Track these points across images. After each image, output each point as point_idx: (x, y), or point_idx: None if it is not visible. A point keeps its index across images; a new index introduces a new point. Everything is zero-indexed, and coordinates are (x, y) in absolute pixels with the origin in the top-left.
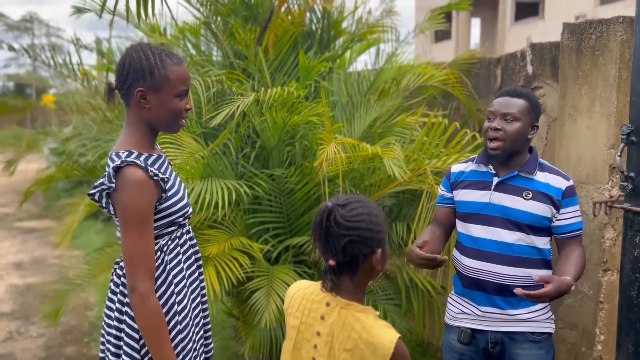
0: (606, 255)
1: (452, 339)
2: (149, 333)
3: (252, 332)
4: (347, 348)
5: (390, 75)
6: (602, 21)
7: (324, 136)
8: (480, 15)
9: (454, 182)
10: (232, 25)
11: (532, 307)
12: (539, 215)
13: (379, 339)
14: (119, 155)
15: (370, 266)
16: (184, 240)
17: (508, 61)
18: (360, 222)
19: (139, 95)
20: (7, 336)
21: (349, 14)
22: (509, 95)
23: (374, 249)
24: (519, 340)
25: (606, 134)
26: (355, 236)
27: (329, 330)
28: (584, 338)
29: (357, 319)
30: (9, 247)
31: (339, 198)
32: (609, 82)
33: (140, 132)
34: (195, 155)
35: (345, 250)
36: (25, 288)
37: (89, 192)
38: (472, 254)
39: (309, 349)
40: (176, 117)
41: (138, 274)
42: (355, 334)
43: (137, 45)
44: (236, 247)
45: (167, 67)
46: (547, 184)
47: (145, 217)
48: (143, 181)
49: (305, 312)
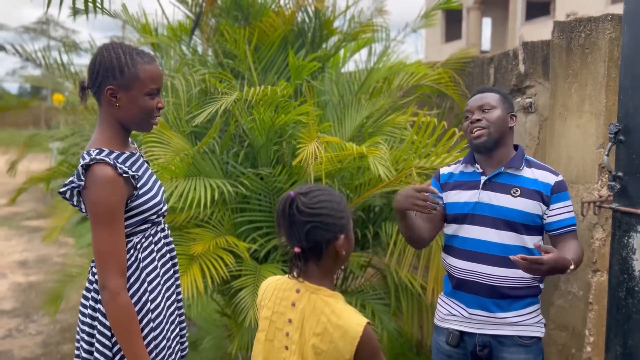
0: (595, 255)
1: (440, 340)
2: (120, 330)
3: (239, 331)
4: (316, 332)
5: (382, 75)
6: (591, 19)
7: (304, 135)
8: (491, 15)
9: (443, 183)
10: (221, 24)
11: (521, 311)
12: (529, 212)
13: (348, 322)
14: (90, 153)
15: (334, 252)
16: (158, 238)
17: (501, 60)
18: (321, 209)
19: (109, 93)
20: (6, 334)
21: (341, 14)
22: (481, 92)
23: (336, 235)
24: (507, 343)
25: (595, 133)
26: (317, 222)
27: (299, 316)
28: (574, 339)
29: (327, 303)
30: (16, 246)
31: (302, 187)
32: (598, 81)
33: (111, 130)
34: (180, 154)
35: (308, 236)
36: (28, 286)
37: (59, 191)
38: (461, 255)
39: (281, 338)
40: (147, 115)
41: (108, 272)
42: (324, 317)
43: (109, 44)
44: (222, 246)
45: (137, 66)
46: (535, 179)
47: (114, 214)
48: (112, 178)
49: (277, 301)
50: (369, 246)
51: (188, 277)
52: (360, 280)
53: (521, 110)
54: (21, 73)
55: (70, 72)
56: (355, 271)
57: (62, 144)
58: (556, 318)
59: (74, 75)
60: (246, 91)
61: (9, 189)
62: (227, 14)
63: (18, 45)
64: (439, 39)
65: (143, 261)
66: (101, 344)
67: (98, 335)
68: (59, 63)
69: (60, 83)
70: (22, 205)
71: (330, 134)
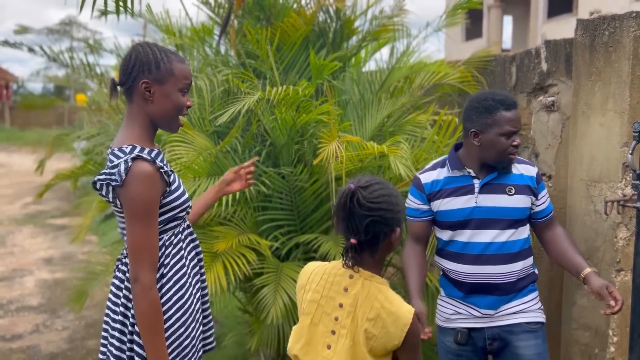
0: (619, 255)
1: (447, 340)
2: (145, 324)
3: (259, 328)
4: (369, 317)
5: (403, 74)
6: (615, 17)
7: (325, 134)
8: (512, 12)
9: (430, 193)
10: (244, 24)
11: (525, 298)
12: (524, 207)
13: (400, 309)
14: (123, 150)
15: (389, 243)
16: (185, 235)
17: (523, 58)
18: (381, 203)
19: (144, 87)
20: (34, 329)
21: (362, 13)
22: (515, 107)
23: (393, 228)
24: (517, 331)
25: (619, 131)
26: (377, 216)
27: (352, 301)
28: (597, 339)
29: (380, 290)
30: (41, 243)
31: (360, 180)
32: (622, 79)
33: (141, 128)
34: (203, 154)
35: (367, 229)
36: (54, 283)
37: (92, 181)
38: (465, 260)
39: (327, 322)
40: (177, 111)
41: (142, 266)
42: (377, 303)
43: (143, 42)
44: (244, 244)
45: (172, 62)
46: (521, 174)
47: (151, 210)
48: (151, 174)
49: (327, 285)
50: None
51: (211, 274)
52: None
53: (543, 109)
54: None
55: (96, 72)
56: None
57: (87, 143)
58: (579, 318)
59: (99, 76)
60: (268, 91)
61: (34, 188)
62: (249, 14)
63: (46, 46)
64: (459, 37)
65: (173, 258)
66: (137, 345)
67: (133, 336)
68: (85, 63)
69: (84, 83)
70: (47, 204)
71: (350, 133)
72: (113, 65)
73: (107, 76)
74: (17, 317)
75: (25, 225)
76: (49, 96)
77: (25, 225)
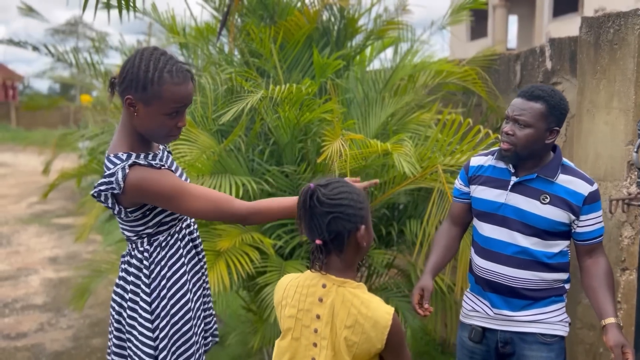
0: (624, 254)
1: (464, 336)
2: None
3: (263, 327)
4: (347, 325)
5: (407, 73)
6: (620, 14)
7: (329, 132)
8: (518, 12)
9: (472, 176)
10: (247, 23)
11: (544, 309)
12: (555, 220)
13: (377, 312)
14: (120, 157)
15: (355, 243)
16: (182, 234)
17: (527, 57)
18: (342, 200)
19: (128, 102)
20: (38, 327)
21: (365, 12)
22: (526, 98)
23: (357, 226)
24: (529, 341)
25: (624, 129)
26: (338, 213)
27: (328, 310)
28: (602, 338)
29: (355, 295)
30: (46, 243)
31: (320, 180)
32: (627, 77)
33: (135, 134)
34: (207, 152)
35: (329, 227)
36: (59, 281)
37: (92, 193)
38: (482, 254)
39: (308, 335)
40: (163, 132)
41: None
42: (354, 309)
43: (149, 51)
44: (248, 242)
45: (162, 85)
46: (567, 188)
47: (177, 186)
48: (150, 170)
49: (301, 299)
50: (393, 244)
51: (214, 273)
52: (384, 278)
53: None
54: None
55: (100, 71)
56: (380, 269)
57: (91, 143)
58: (583, 317)
59: (104, 75)
60: (271, 89)
61: (40, 187)
62: (252, 13)
63: (51, 45)
64: (464, 36)
65: (170, 259)
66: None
67: (139, 336)
68: (89, 63)
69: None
70: (52, 204)
71: (354, 132)
72: (118, 64)
73: (111, 75)
74: (22, 316)
75: (31, 224)
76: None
77: (30, 224)
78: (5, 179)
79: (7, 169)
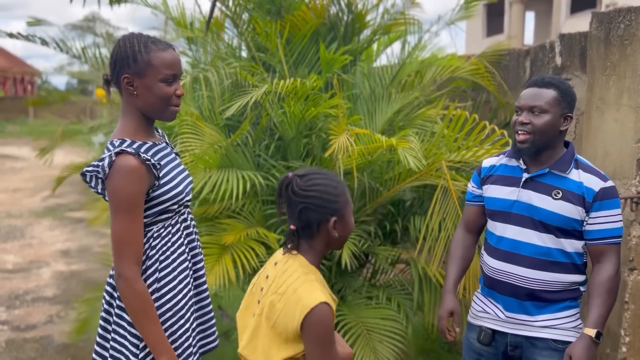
0: (632, 253)
1: (472, 337)
2: (139, 317)
3: None
4: (279, 292)
5: (414, 68)
6: (631, 9)
7: (334, 128)
8: (535, 8)
9: (484, 176)
10: (254, 17)
11: (557, 314)
12: (568, 217)
13: (308, 293)
14: (113, 143)
15: (326, 233)
16: (177, 228)
17: (537, 53)
18: (314, 192)
19: (126, 82)
20: (47, 319)
21: (373, 7)
22: (537, 86)
23: (327, 217)
24: (540, 346)
25: (634, 127)
26: (308, 204)
27: (275, 272)
28: (609, 339)
29: (301, 272)
30: (59, 236)
31: (300, 170)
32: (637, 73)
33: (134, 120)
34: (214, 146)
35: (300, 216)
36: (70, 274)
37: (81, 172)
38: (495, 254)
39: (257, 292)
40: (164, 102)
41: (125, 260)
42: (291, 280)
43: (126, 35)
44: (253, 237)
45: (150, 53)
46: (579, 183)
47: (134, 204)
48: (134, 168)
49: (263, 271)
50: (398, 241)
51: (220, 267)
52: (389, 275)
53: None
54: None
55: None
56: (385, 267)
57: (104, 137)
58: None
59: None
60: (276, 83)
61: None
62: (259, 7)
63: (60, 41)
64: (480, 33)
65: (163, 250)
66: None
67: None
68: (101, 58)
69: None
70: (65, 197)
71: (360, 127)
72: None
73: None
74: (32, 308)
75: (44, 217)
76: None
77: (44, 217)
78: (21, 173)
79: (23, 162)
